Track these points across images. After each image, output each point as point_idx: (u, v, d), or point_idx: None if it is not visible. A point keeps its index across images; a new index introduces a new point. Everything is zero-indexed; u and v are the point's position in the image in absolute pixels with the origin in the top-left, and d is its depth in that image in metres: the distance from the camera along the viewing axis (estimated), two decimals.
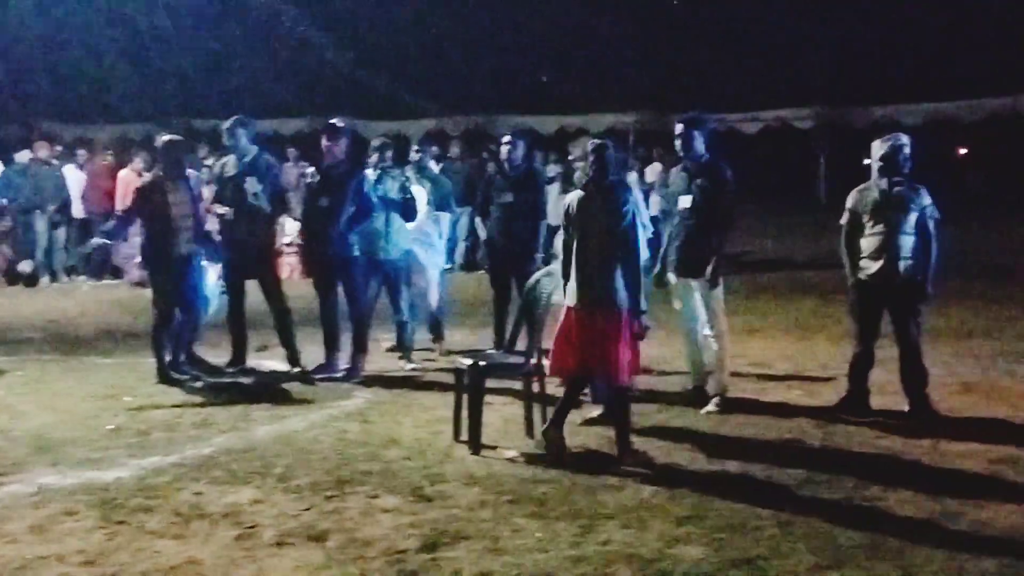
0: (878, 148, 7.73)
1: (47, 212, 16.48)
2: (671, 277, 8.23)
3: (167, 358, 9.24)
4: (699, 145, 8.05)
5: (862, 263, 7.78)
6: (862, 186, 7.85)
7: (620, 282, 6.68)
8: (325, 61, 30.95)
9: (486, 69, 31.67)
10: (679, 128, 8.08)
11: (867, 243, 7.74)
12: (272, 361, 9.80)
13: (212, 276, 9.66)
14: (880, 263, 7.66)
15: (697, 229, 7.98)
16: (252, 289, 9.65)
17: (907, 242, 7.62)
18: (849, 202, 7.89)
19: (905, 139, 7.79)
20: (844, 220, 7.91)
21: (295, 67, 31.92)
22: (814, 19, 31.28)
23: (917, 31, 30.69)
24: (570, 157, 16.40)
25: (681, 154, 8.17)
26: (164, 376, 9.14)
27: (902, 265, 7.63)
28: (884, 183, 7.69)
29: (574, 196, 6.93)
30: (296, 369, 9.37)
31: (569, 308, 6.86)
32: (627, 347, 6.72)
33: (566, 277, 6.91)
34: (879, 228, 7.67)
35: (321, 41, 30.68)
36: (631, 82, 30.64)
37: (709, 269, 7.91)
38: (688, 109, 8.54)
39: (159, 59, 30.30)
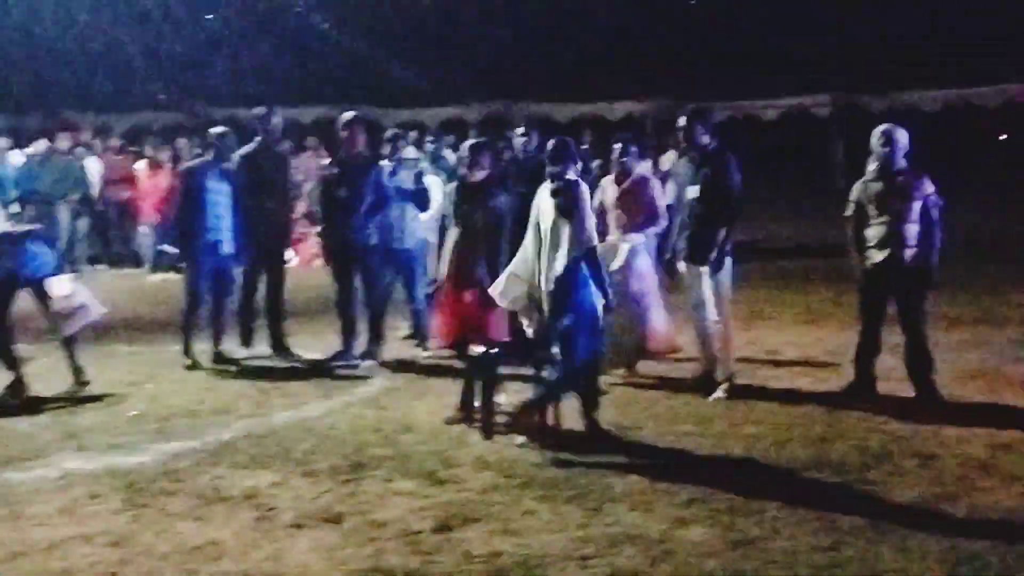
0: (876, 138, 7.83)
1: (69, 202, 16.64)
2: (681, 265, 8.37)
3: (214, 346, 9.52)
4: (702, 136, 8.19)
5: (868, 252, 7.88)
6: (866, 177, 7.94)
7: None
8: (342, 48, 30.94)
9: (504, 56, 31.67)
10: (682, 121, 8.29)
11: (873, 232, 7.83)
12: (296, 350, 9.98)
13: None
14: (886, 252, 7.75)
15: (705, 217, 8.10)
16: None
17: (911, 230, 7.70)
18: (853, 194, 7.99)
19: (900, 129, 7.87)
20: (849, 212, 8.02)
21: (310, 54, 31.92)
22: (832, 5, 31.18)
23: (936, 17, 30.57)
24: (583, 147, 16.39)
25: (685, 145, 8.34)
26: (192, 360, 9.38)
27: (907, 253, 7.72)
28: (886, 173, 7.79)
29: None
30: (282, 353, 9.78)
31: None
32: None
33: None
34: (884, 218, 7.75)
35: (337, 28, 30.69)
36: (648, 70, 30.60)
37: (711, 256, 8.05)
38: (705, 97, 8.69)
39: (174, 46, 30.34)
